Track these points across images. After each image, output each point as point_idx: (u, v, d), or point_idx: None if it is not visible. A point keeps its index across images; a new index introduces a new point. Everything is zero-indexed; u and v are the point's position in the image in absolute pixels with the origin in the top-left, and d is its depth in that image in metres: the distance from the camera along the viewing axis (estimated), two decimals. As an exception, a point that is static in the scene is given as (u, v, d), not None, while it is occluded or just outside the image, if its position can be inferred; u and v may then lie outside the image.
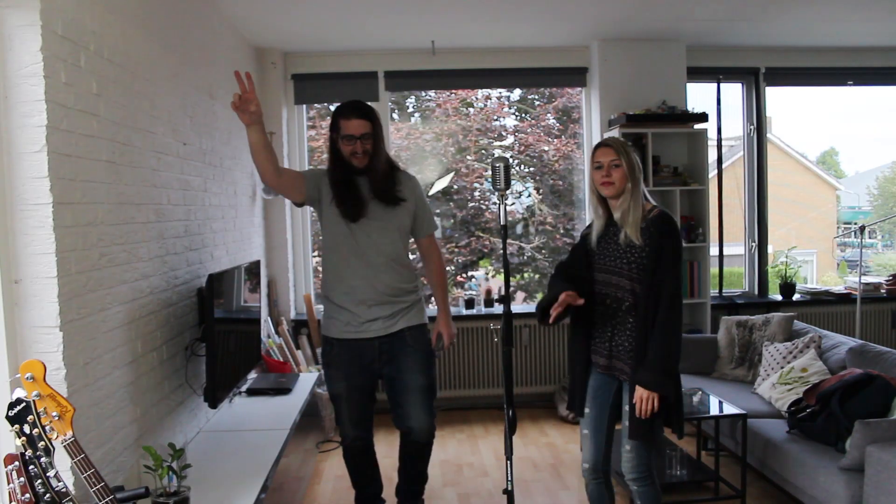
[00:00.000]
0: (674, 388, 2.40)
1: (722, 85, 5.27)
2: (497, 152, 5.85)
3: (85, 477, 1.63)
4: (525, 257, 6.03)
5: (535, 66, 5.13)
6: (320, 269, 3.30)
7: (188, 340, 3.05)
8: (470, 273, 5.97)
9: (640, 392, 2.36)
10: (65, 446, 1.63)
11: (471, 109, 5.96)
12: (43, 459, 1.59)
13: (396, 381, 2.86)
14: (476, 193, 5.88)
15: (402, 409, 2.87)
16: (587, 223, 5.29)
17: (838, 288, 5.48)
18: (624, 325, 2.48)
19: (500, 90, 5.83)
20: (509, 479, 2.43)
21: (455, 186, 5.82)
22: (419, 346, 2.89)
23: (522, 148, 5.90)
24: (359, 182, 2.78)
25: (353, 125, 2.72)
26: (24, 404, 1.60)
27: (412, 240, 3.01)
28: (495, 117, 5.97)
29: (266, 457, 2.83)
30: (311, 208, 3.22)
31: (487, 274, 6.07)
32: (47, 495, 1.59)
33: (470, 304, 5.17)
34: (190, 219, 3.19)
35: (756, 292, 5.48)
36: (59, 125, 2.03)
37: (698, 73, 5.18)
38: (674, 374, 2.40)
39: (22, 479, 1.57)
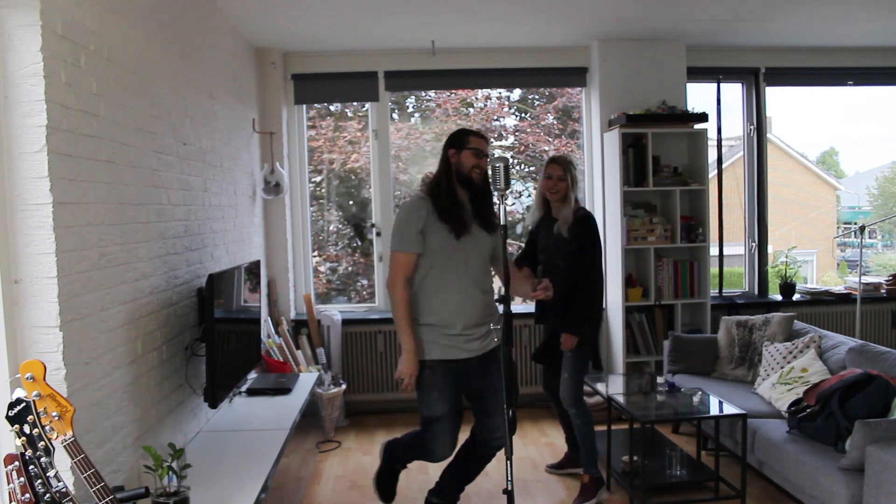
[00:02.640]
0: (589, 333, 3.48)
1: (722, 85, 5.27)
2: (497, 152, 5.85)
3: (85, 477, 1.63)
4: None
5: (535, 66, 5.13)
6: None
7: (188, 340, 3.05)
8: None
9: (564, 336, 3.41)
10: (65, 446, 1.63)
11: (471, 109, 5.95)
12: (43, 459, 1.59)
13: (488, 396, 2.95)
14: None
15: (489, 422, 2.98)
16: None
17: (838, 288, 5.48)
18: (558, 291, 3.16)
19: (500, 90, 5.82)
20: (509, 479, 2.43)
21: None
22: (502, 362, 2.99)
23: (522, 148, 5.90)
24: (463, 202, 2.91)
25: (482, 143, 2.94)
26: (24, 404, 1.60)
27: None
28: (495, 117, 5.97)
29: (266, 457, 2.83)
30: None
31: (487, 274, 6.06)
32: (47, 495, 1.59)
33: (470, 304, 5.16)
34: (190, 219, 3.19)
35: (756, 292, 5.48)
36: (59, 125, 2.03)
37: (698, 73, 5.17)
38: (589, 325, 3.46)
39: (22, 479, 1.57)
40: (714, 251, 5.17)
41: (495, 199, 2.41)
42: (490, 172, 2.35)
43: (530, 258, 3.69)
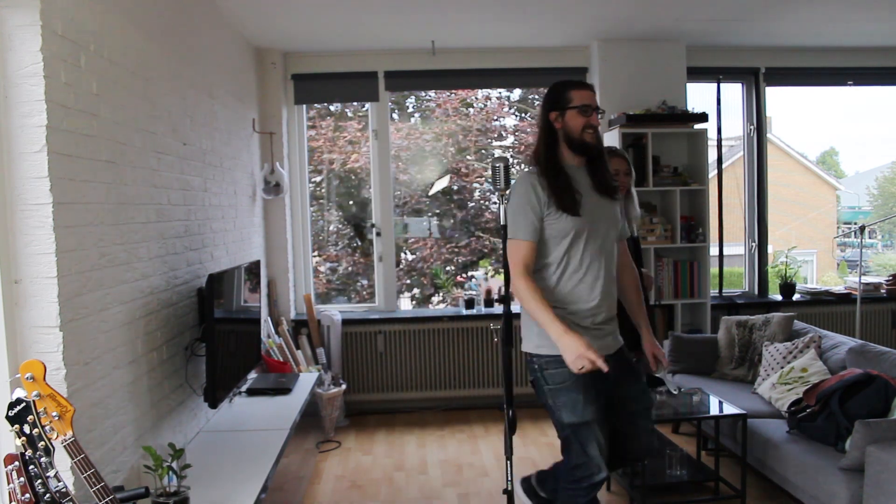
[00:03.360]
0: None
1: (722, 85, 5.27)
2: (497, 152, 5.85)
3: (85, 477, 1.63)
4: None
5: (535, 66, 5.13)
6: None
7: (188, 340, 3.05)
8: (470, 273, 5.97)
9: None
10: (65, 446, 1.63)
11: (471, 109, 5.96)
12: (43, 459, 1.59)
13: (624, 403, 2.52)
14: (476, 193, 5.88)
15: (626, 433, 2.53)
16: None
17: (838, 288, 5.48)
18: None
19: (500, 90, 5.83)
20: (509, 479, 2.43)
21: (455, 186, 5.82)
22: (634, 364, 2.61)
23: (522, 148, 5.90)
24: (573, 172, 2.44)
25: (587, 95, 2.43)
26: (24, 404, 1.60)
27: None
28: (495, 117, 5.97)
29: (266, 457, 2.83)
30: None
31: (487, 274, 6.07)
32: (47, 495, 1.59)
33: (470, 304, 5.17)
34: (190, 219, 3.19)
35: (756, 292, 5.48)
36: (59, 125, 2.03)
37: (698, 73, 5.17)
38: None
39: (22, 479, 1.57)
40: (714, 251, 5.17)
41: (495, 199, 2.30)
42: (490, 172, 2.32)
43: None
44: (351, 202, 5.78)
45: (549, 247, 2.42)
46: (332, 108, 5.67)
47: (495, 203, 5.74)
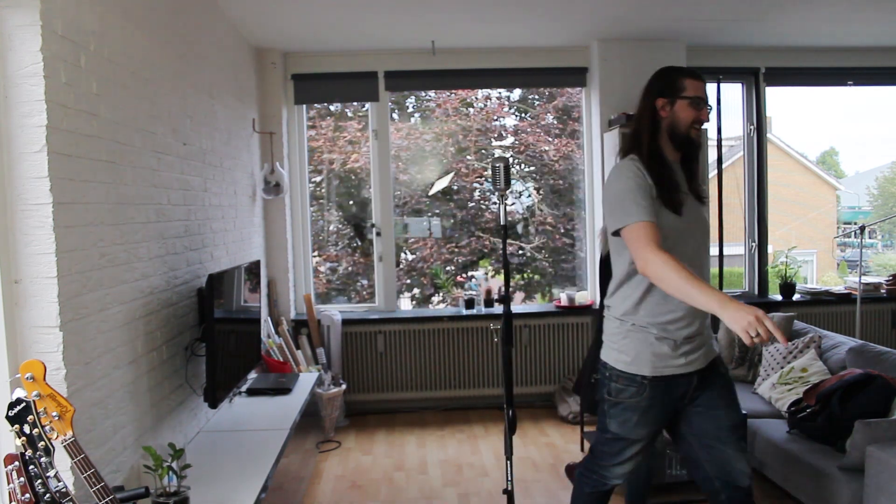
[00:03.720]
0: None
1: (722, 85, 5.25)
2: (497, 152, 5.85)
3: (85, 477, 1.63)
4: (525, 257, 6.03)
5: (535, 66, 5.13)
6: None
7: (188, 340, 3.05)
8: (470, 273, 5.97)
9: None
10: (65, 446, 1.63)
11: (471, 109, 5.95)
12: (43, 459, 1.59)
13: (709, 418, 2.24)
14: (476, 193, 5.88)
15: (714, 452, 2.24)
16: (587, 223, 5.29)
17: (838, 288, 5.48)
18: None
19: (500, 90, 5.82)
20: (509, 479, 2.43)
21: (455, 186, 5.82)
22: (728, 374, 2.35)
23: (522, 148, 5.90)
24: (675, 168, 2.23)
25: (701, 87, 2.22)
26: (24, 404, 1.60)
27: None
28: (495, 117, 5.97)
29: (266, 457, 2.83)
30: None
31: (487, 274, 6.07)
32: (47, 495, 1.59)
33: (470, 304, 5.17)
34: (190, 219, 3.19)
35: (756, 292, 5.48)
36: (59, 125, 2.03)
37: (698, 73, 5.17)
38: None
39: (22, 479, 1.57)
40: (714, 251, 5.16)
41: (495, 199, 2.25)
42: (490, 172, 2.30)
43: None
44: (351, 202, 5.78)
45: None
46: (332, 108, 5.67)
47: (495, 203, 5.74)
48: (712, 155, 5.11)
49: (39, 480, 1.58)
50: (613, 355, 2.24)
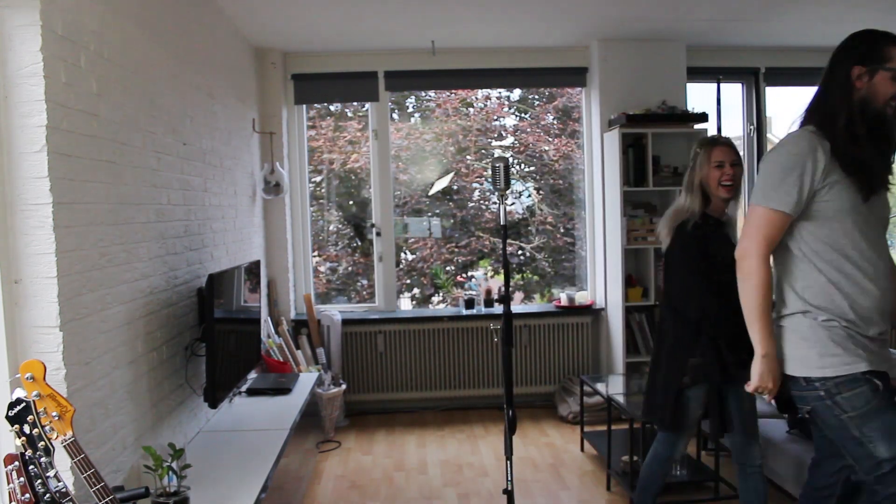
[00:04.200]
0: None
1: (722, 85, 5.26)
2: (497, 152, 5.85)
3: (85, 477, 1.63)
4: (525, 257, 6.02)
5: (535, 66, 5.13)
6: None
7: (188, 340, 3.05)
8: (470, 273, 5.97)
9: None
10: (65, 446, 1.63)
11: (471, 109, 5.95)
12: (43, 459, 1.59)
13: None
14: (476, 193, 5.88)
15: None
16: (587, 223, 5.29)
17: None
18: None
19: (500, 90, 5.82)
20: (509, 479, 2.43)
21: (455, 186, 5.82)
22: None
23: (522, 148, 5.90)
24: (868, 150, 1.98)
25: None
26: (24, 404, 1.60)
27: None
28: (495, 117, 5.97)
29: (266, 457, 2.83)
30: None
31: (487, 274, 6.07)
32: (47, 495, 1.59)
33: (470, 304, 5.17)
34: (190, 219, 3.19)
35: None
36: (59, 125, 2.03)
37: (698, 73, 5.17)
38: None
39: (22, 479, 1.57)
40: (714, 251, 5.16)
41: (495, 199, 2.24)
42: (490, 172, 2.30)
43: (706, 275, 2.58)
44: (351, 202, 5.78)
45: (824, 230, 1.97)
46: (332, 108, 5.67)
47: (495, 203, 5.75)
48: (712, 155, 5.12)
49: (39, 480, 1.58)
50: (815, 361, 1.97)
